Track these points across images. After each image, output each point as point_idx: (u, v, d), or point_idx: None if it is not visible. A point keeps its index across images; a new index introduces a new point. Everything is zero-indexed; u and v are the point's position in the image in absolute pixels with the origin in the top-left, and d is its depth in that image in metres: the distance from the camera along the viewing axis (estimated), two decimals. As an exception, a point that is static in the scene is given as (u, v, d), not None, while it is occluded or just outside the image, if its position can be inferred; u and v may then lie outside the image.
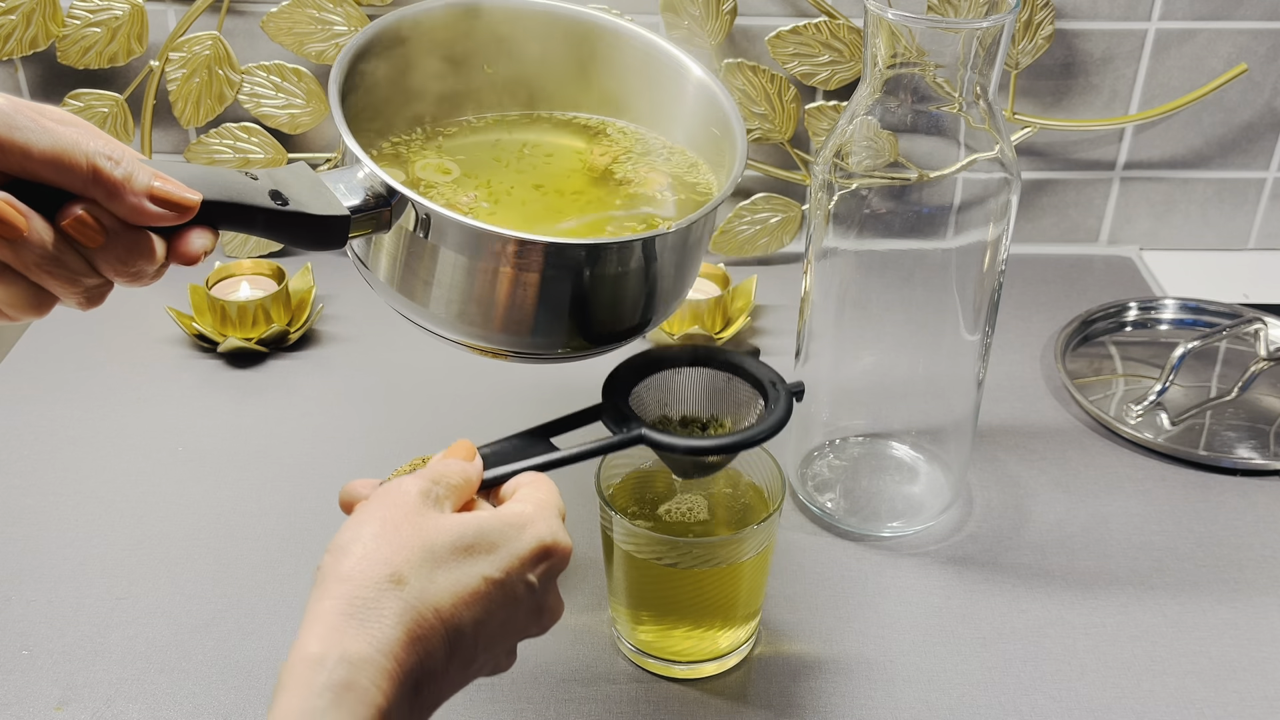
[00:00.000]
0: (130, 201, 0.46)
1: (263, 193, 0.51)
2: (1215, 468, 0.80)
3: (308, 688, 0.41)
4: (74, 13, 0.91)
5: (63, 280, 0.46)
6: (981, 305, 0.69)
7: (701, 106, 0.70)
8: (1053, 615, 0.69)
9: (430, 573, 0.45)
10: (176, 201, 0.47)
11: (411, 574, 0.45)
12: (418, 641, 0.44)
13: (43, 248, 0.45)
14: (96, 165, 0.45)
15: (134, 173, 0.46)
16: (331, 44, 0.92)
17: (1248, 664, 0.66)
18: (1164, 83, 0.97)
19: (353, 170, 0.56)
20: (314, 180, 0.54)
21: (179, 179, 0.47)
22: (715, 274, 0.93)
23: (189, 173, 0.48)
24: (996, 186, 0.65)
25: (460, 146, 0.69)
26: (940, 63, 0.63)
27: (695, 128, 0.71)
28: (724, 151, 0.68)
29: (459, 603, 0.46)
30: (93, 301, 0.49)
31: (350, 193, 0.55)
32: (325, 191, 0.54)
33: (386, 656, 0.42)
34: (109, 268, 0.47)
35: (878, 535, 0.74)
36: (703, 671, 0.64)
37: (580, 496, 0.76)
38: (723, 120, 0.68)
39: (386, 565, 0.44)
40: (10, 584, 0.69)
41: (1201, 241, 1.05)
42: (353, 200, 0.55)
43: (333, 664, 0.41)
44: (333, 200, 0.54)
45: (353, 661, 0.42)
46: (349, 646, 0.42)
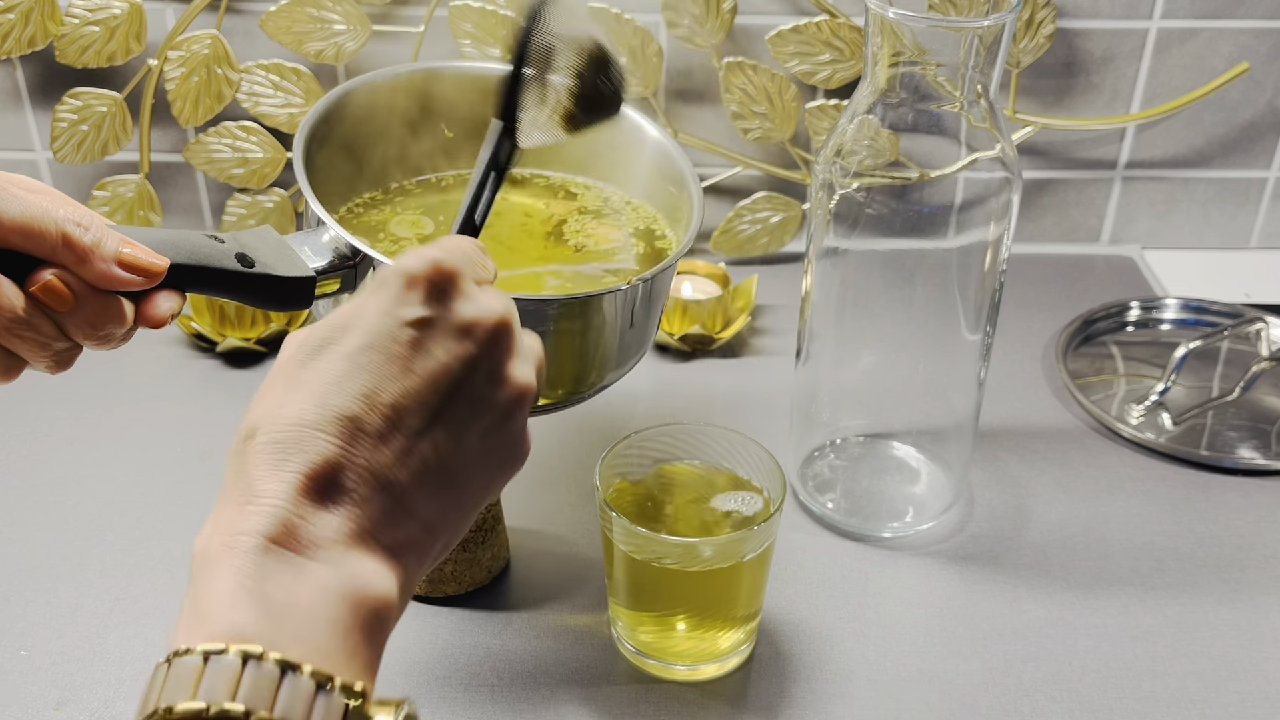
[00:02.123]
0: (99, 267, 0.47)
1: (229, 256, 0.52)
2: (1217, 468, 0.80)
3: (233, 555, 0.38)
4: (72, 11, 0.91)
5: (32, 344, 0.47)
6: (983, 305, 0.69)
7: (658, 164, 0.72)
8: (1054, 615, 0.68)
9: (286, 394, 0.42)
10: (144, 267, 0.48)
11: (260, 408, 0.42)
12: (284, 460, 0.40)
13: (13, 312, 0.46)
14: (66, 232, 0.46)
15: (103, 239, 0.47)
16: (330, 43, 0.92)
17: (1249, 664, 0.66)
18: (1165, 82, 0.97)
19: (318, 233, 0.57)
20: (279, 242, 0.55)
21: (146, 244, 0.49)
22: (716, 274, 0.93)
23: (156, 238, 0.49)
24: (998, 186, 0.65)
25: (424, 205, 0.71)
26: (941, 62, 0.63)
27: (653, 185, 0.72)
28: (681, 208, 0.69)
29: (324, 395, 0.41)
30: (61, 365, 0.49)
31: (316, 254, 0.56)
32: (290, 253, 0.55)
33: (244, 505, 0.39)
34: (78, 331, 0.48)
35: (878, 535, 0.74)
36: (703, 673, 0.64)
37: (580, 497, 0.76)
38: (678, 178, 0.70)
39: (246, 421, 0.43)
40: (8, 584, 0.69)
41: (1203, 241, 1.05)
42: (318, 262, 0.55)
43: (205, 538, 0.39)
44: (298, 262, 0.55)
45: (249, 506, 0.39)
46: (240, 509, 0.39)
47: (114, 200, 0.98)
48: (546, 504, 0.75)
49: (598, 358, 0.62)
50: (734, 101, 0.95)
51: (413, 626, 0.67)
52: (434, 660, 0.65)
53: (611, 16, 0.91)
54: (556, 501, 0.76)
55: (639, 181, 0.73)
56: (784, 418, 0.78)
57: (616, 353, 0.63)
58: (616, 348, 0.63)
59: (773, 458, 0.63)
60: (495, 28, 0.91)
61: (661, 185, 0.72)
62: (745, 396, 0.86)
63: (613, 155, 0.73)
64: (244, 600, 0.36)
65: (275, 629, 0.36)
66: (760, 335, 0.92)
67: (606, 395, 0.85)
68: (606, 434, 0.66)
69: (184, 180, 1.00)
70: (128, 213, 0.98)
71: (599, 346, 0.62)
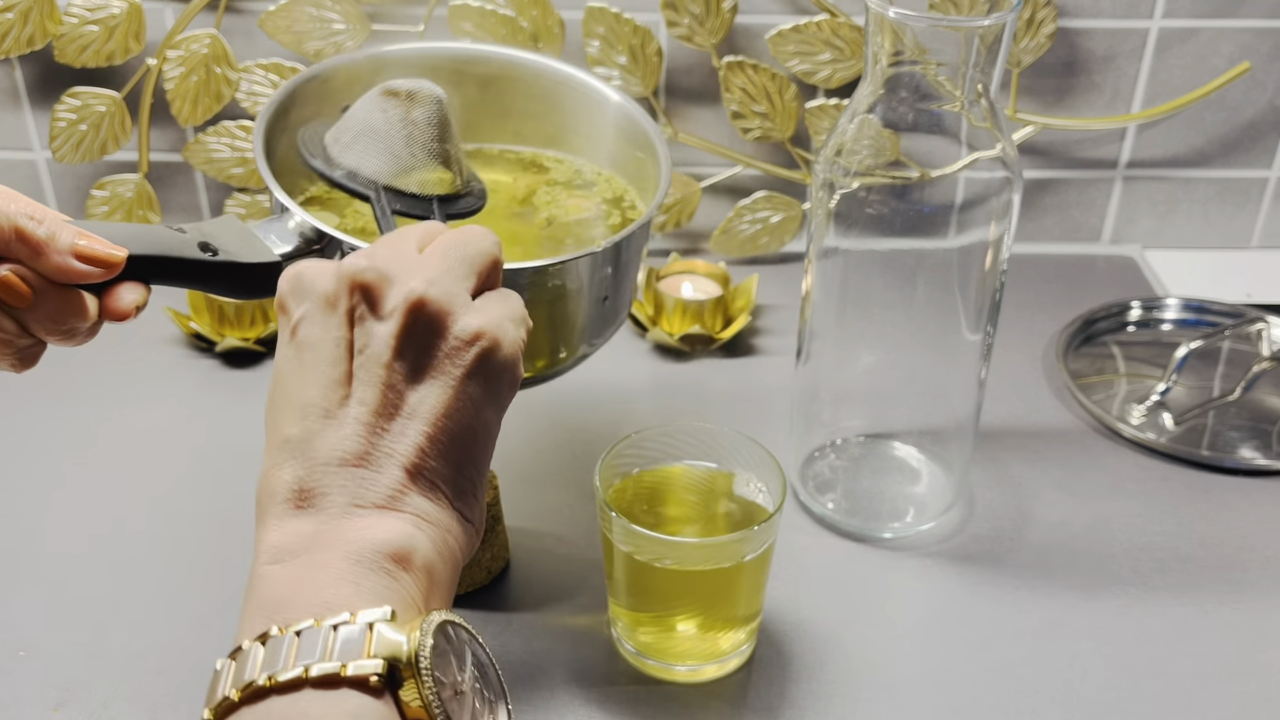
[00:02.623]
0: (55, 260, 0.47)
1: (191, 245, 0.52)
2: (1218, 468, 0.79)
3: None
4: (71, 11, 0.91)
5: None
6: (983, 305, 0.69)
7: (622, 129, 0.72)
8: (1055, 616, 0.68)
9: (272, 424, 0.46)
10: (102, 258, 0.48)
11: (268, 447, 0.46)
12: (271, 497, 0.44)
13: None
14: (19, 226, 0.46)
15: (57, 232, 0.47)
16: (330, 42, 0.92)
17: (1250, 665, 0.65)
18: (1166, 81, 0.97)
19: (283, 219, 0.57)
20: (243, 230, 0.55)
21: (105, 237, 0.48)
22: (716, 273, 0.93)
23: (115, 230, 0.49)
24: (998, 185, 0.65)
25: None
26: (942, 61, 0.62)
27: (620, 151, 0.72)
28: (648, 174, 0.69)
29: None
30: (25, 363, 0.50)
31: (281, 240, 0.56)
32: (255, 240, 0.55)
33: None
34: (40, 327, 0.48)
35: (879, 536, 0.74)
36: (703, 674, 0.64)
37: (580, 497, 0.76)
38: (645, 141, 0.70)
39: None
40: (7, 584, 0.69)
41: (1204, 241, 1.05)
42: (284, 247, 0.56)
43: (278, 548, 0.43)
44: (263, 248, 0.55)
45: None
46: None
47: (113, 200, 0.98)
48: (546, 504, 0.75)
49: (574, 327, 0.62)
50: (734, 101, 0.95)
51: (412, 627, 0.67)
52: (433, 661, 0.65)
53: (611, 16, 0.91)
54: (556, 501, 0.75)
55: (605, 148, 0.73)
56: (784, 418, 0.78)
57: (591, 322, 0.63)
58: (591, 317, 0.63)
59: (773, 458, 0.63)
60: (495, 27, 0.91)
61: (628, 150, 0.72)
62: (745, 396, 0.86)
63: (577, 125, 0.73)
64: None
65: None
66: (760, 335, 0.92)
67: (607, 395, 0.86)
68: (606, 434, 0.65)
69: (183, 180, 1.00)
70: (127, 212, 0.98)
71: (574, 315, 0.62)
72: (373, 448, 0.44)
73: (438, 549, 0.44)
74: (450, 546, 0.45)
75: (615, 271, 0.63)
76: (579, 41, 0.93)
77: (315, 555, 0.42)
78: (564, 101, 0.73)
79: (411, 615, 0.42)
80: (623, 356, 0.90)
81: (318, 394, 0.45)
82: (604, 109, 0.72)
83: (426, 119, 0.60)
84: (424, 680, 0.39)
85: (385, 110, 0.60)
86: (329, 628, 0.39)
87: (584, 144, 0.74)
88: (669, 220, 1.00)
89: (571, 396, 0.86)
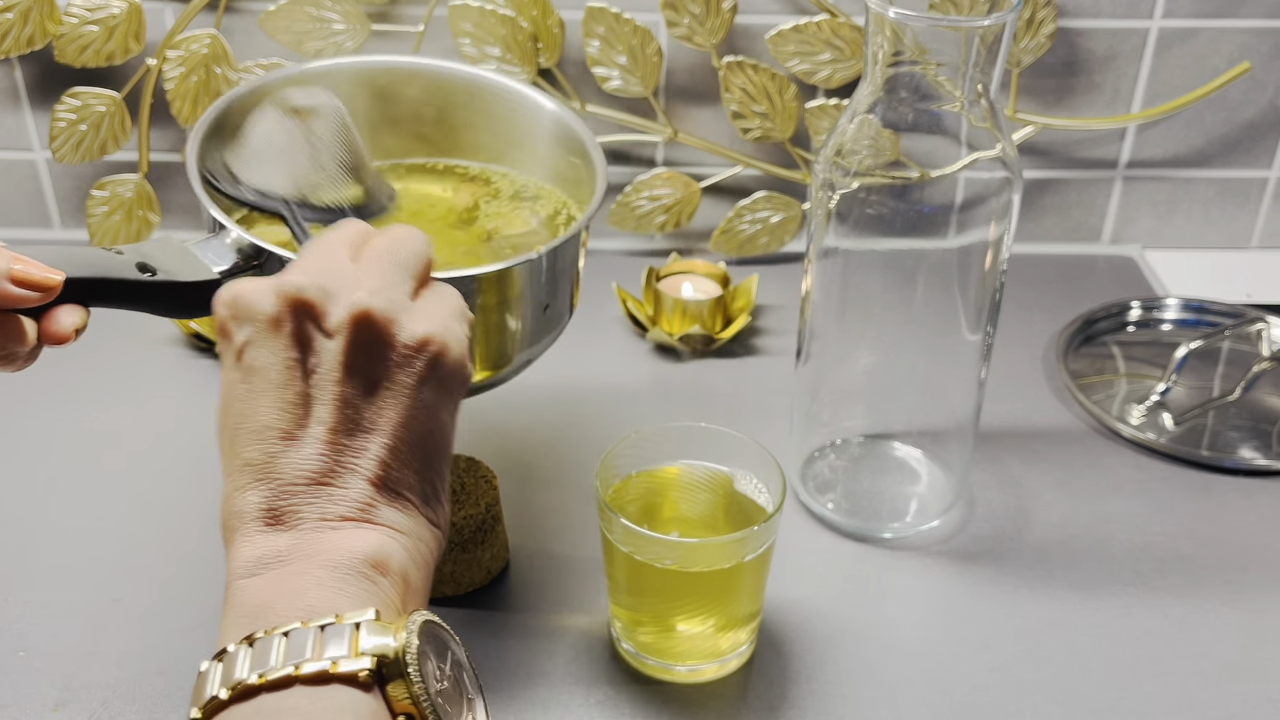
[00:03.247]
0: None
1: (129, 266, 0.52)
2: (1218, 468, 0.79)
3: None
4: (71, 11, 0.91)
5: None
6: (983, 305, 0.69)
7: (558, 136, 0.72)
8: (1055, 616, 0.68)
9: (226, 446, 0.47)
10: (38, 282, 0.48)
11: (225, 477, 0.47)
12: (233, 519, 0.45)
13: None
14: None
15: None
16: (330, 42, 0.92)
17: (1250, 665, 0.65)
18: (1166, 81, 0.97)
19: (220, 236, 0.57)
20: (181, 250, 0.55)
21: (42, 260, 0.48)
22: (716, 273, 0.93)
23: (52, 254, 0.49)
24: (998, 185, 0.65)
25: None
26: (942, 61, 0.62)
27: (556, 158, 0.73)
28: (585, 180, 0.70)
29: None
30: None
31: (219, 258, 0.56)
32: (193, 259, 0.55)
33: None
34: None
35: (879, 536, 0.74)
36: (703, 673, 0.64)
37: (580, 497, 0.76)
38: (579, 147, 0.70)
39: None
40: (6, 585, 0.69)
41: (1204, 241, 1.05)
42: (222, 265, 0.56)
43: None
44: (201, 266, 0.55)
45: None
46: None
47: (113, 200, 0.98)
48: (546, 504, 0.75)
49: (515, 335, 0.63)
50: (734, 101, 0.95)
51: (412, 627, 0.67)
52: (433, 661, 0.65)
53: (611, 16, 0.91)
54: (556, 501, 0.75)
55: (541, 157, 0.73)
56: (784, 418, 0.78)
57: (532, 330, 0.63)
58: (532, 324, 0.63)
59: (773, 458, 0.63)
60: (494, 27, 0.91)
61: (564, 157, 0.72)
62: (745, 396, 0.86)
63: (512, 135, 0.74)
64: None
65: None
66: (760, 335, 0.92)
67: (607, 395, 0.86)
68: (606, 434, 0.65)
69: (183, 180, 1.00)
70: (126, 212, 0.98)
71: (515, 323, 0.62)
72: (337, 464, 0.44)
73: (411, 557, 0.45)
74: (422, 553, 0.46)
75: (553, 278, 0.63)
76: (579, 42, 0.93)
77: (293, 565, 0.43)
78: (500, 112, 0.74)
79: (393, 618, 0.42)
80: (623, 356, 0.90)
81: (274, 417, 0.45)
82: (539, 117, 0.73)
83: (330, 133, 0.61)
84: (412, 677, 0.40)
85: (286, 128, 0.61)
86: (316, 628, 0.40)
87: (521, 155, 0.74)
88: (669, 220, 1.00)
89: (571, 396, 0.86)
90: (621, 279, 0.94)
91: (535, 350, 0.65)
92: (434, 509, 0.47)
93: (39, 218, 1.02)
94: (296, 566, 0.43)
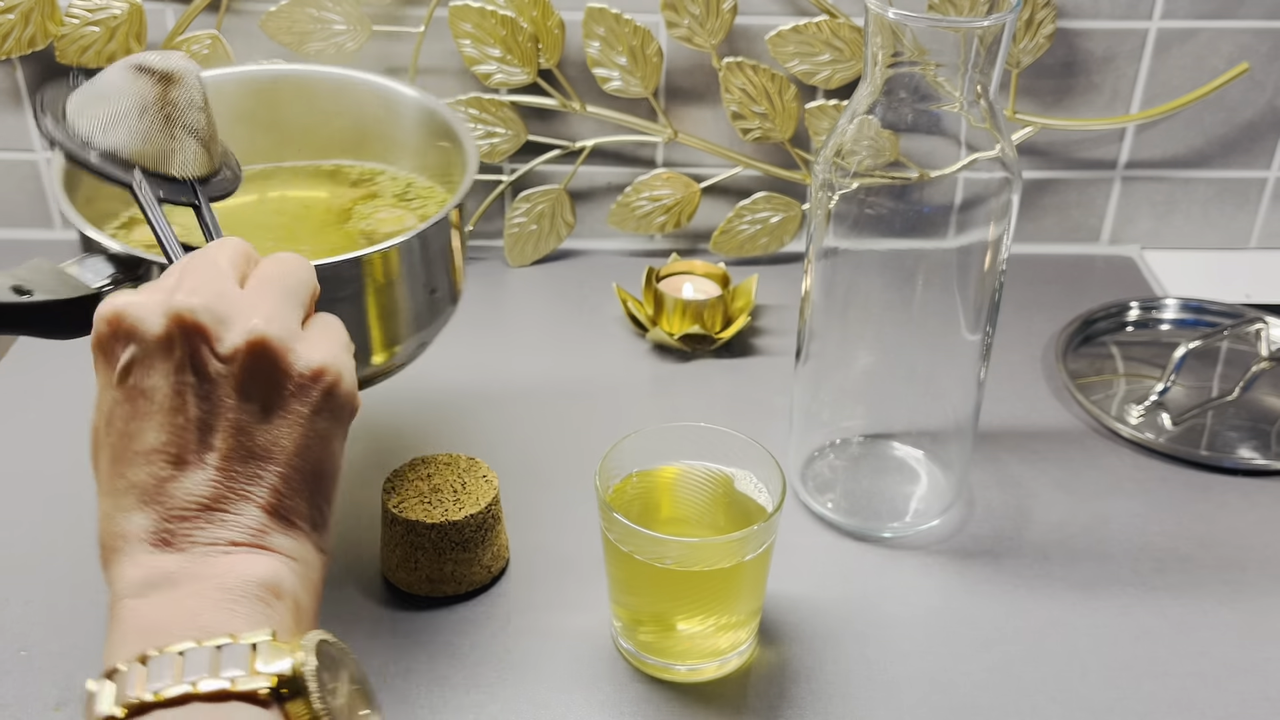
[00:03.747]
0: None
1: (4, 290, 0.52)
2: (1217, 468, 0.80)
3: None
4: (72, 12, 0.91)
5: None
6: (982, 305, 0.69)
7: (425, 123, 0.73)
8: (1054, 616, 0.68)
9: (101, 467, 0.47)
10: None
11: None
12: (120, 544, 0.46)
13: None
14: None
15: None
16: (330, 43, 0.92)
17: (1249, 665, 0.66)
18: (1165, 82, 0.97)
19: (93, 253, 0.57)
20: (55, 270, 0.55)
21: None
22: (715, 273, 0.93)
23: None
24: (997, 186, 0.65)
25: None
26: (941, 62, 0.63)
27: (426, 146, 0.73)
28: (456, 164, 0.70)
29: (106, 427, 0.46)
30: None
31: (96, 274, 0.56)
32: (69, 278, 0.55)
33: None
34: None
35: (878, 536, 0.74)
36: (703, 673, 0.64)
37: (581, 496, 0.76)
38: (447, 131, 0.71)
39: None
40: (8, 584, 0.69)
41: (1203, 241, 1.05)
42: (100, 280, 0.55)
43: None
44: (79, 284, 0.55)
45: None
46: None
47: (114, 200, 0.98)
48: (546, 504, 0.75)
49: (401, 318, 0.63)
50: (734, 101, 0.95)
51: (413, 626, 0.67)
52: (434, 660, 0.65)
53: (612, 17, 0.91)
54: (556, 501, 0.76)
55: (414, 147, 0.74)
56: (784, 418, 0.78)
57: (419, 313, 0.64)
58: (418, 307, 0.64)
59: (773, 458, 0.63)
60: (495, 28, 0.91)
61: (432, 143, 0.73)
62: (745, 396, 0.86)
63: (383, 130, 0.74)
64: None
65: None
66: (760, 335, 0.92)
67: (607, 395, 0.86)
68: (606, 434, 0.66)
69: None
70: (127, 213, 0.98)
71: (400, 307, 0.63)
72: (230, 491, 0.44)
73: (302, 582, 0.45)
74: (312, 579, 0.46)
75: (433, 260, 0.64)
76: (579, 42, 0.93)
77: (185, 587, 0.42)
78: (369, 109, 0.75)
79: (289, 639, 0.42)
80: (623, 356, 0.90)
81: (163, 440, 0.44)
82: (404, 107, 0.74)
83: (187, 100, 0.59)
84: (312, 693, 0.40)
85: (141, 90, 0.58)
86: (213, 648, 0.40)
87: (394, 149, 0.75)
88: (669, 221, 1.00)
89: (571, 396, 0.86)
90: (622, 279, 0.95)
91: (427, 334, 0.66)
92: (322, 535, 0.47)
93: (40, 218, 1.02)
94: (189, 589, 0.42)
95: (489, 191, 1.00)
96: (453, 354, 0.91)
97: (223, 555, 0.43)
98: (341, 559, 0.71)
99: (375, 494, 0.73)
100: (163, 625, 0.41)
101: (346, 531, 0.73)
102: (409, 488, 0.68)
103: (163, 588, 0.43)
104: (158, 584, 0.43)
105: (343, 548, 0.72)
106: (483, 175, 1.00)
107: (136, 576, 0.43)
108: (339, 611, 0.67)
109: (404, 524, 0.66)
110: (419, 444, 0.77)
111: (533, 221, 1.00)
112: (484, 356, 0.90)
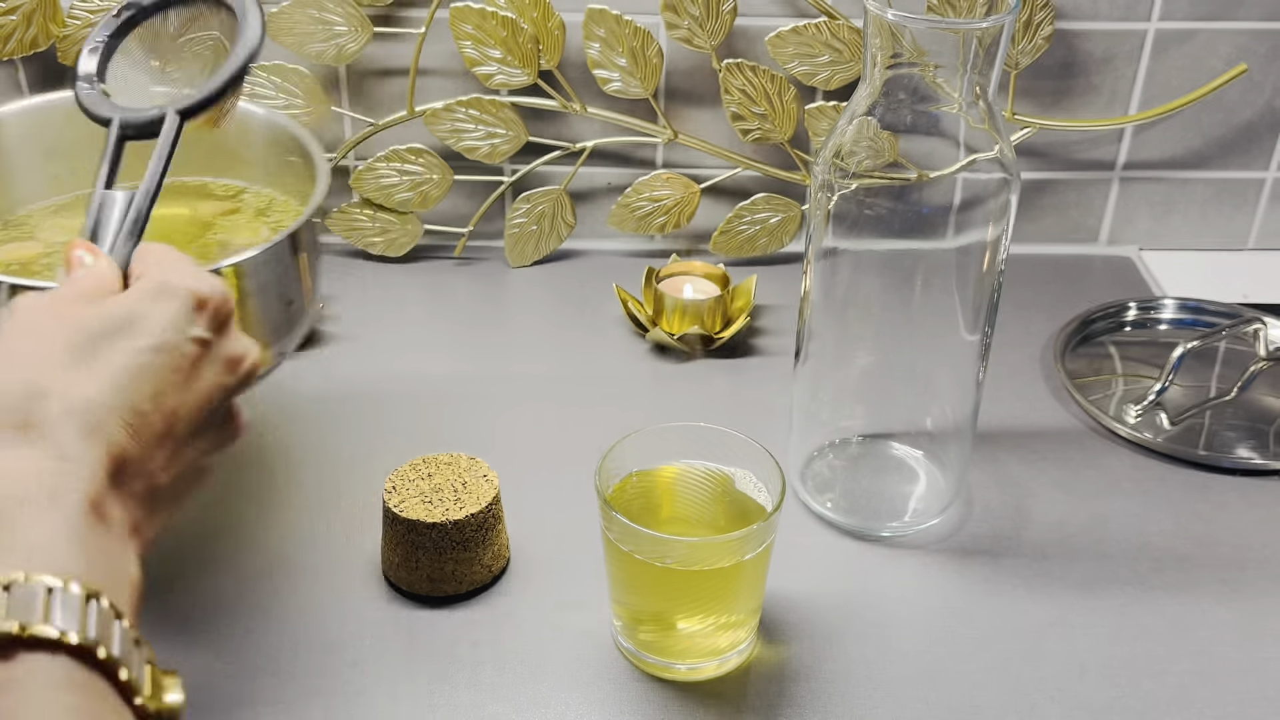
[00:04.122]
0: None
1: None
2: (1215, 468, 0.80)
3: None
4: (74, 13, 0.91)
5: None
6: (981, 305, 0.69)
7: (275, 139, 0.74)
8: (1052, 615, 0.69)
9: (77, 371, 0.46)
10: None
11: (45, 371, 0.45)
12: (92, 434, 0.45)
13: None
14: None
15: None
16: (332, 44, 0.92)
17: (1248, 664, 0.66)
18: (1164, 83, 0.97)
19: None
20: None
21: None
22: (715, 274, 0.93)
23: None
24: (996, 187, 0.65)
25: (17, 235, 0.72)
26: (940, 63, 0.63)
27: (277, 161, 0.74)
28: (307, 178, 0.71)
29: (120, 386, 0.46)
30: None
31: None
32: None
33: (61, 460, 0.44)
34: None
35: (878, 535, 0.74)
36: (703, 672, 0.64)
37: (581, 497, 0.76)
38: (296, 146, 0.72)
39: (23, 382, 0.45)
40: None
41: (1201, 241, 1.06)
42: None
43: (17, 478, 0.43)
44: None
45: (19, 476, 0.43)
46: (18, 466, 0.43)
47: (115, 201, 0.98)
48: (546, 504, 0.76)
49: (261, 329, 0.64)
50: (733, 103, 0.95)
51: (413, 626, 0.67)
52: (434, 660, 0.65)
53: (612, 18, 0.91)
54: (556, 501, 0.76)
55: (263, 163, 0.75)
56: (784, 418, 0.78)
57: (277, 324, 0.66)
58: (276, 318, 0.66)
59: (773, 458, 0.63)
60: (495, 29, 0.91)
61: (282, 158, 0.73)
62: (745, 396, 0.86)
63: (233, 146, 0.75)
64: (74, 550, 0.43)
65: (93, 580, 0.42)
66: (760, 335, 0.93)
67: (607, 395, 0.86)
68: (606, 434, 0.66)
69: (185, 181, 1.00)
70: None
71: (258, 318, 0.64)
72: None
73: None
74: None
75: (288, 272, 0.65)
76: (580, 44, 0.93)
77: None
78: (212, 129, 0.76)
79: None
80: (623, 357, 0.90)
81: (179, 412, 0.49)
82: (252, 123, 0.75)
83: (218, 49, 0.61)
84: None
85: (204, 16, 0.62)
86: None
87: (247, 165, 0.76)
88: (669, 221, 1.00)
89: (572, 396, 0.86)
90: (622, 279, 0.95)
91: (285, 345, 0.68)
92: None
93: (41, 219, 1.02)
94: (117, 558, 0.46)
95: (489, 192, 1.00)
96: (453, 354, 0.91)
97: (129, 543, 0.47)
98: (342, 559, 0.71)
99: (376, 493, 0.73)
100: None
101: (347, 531, 0.73)
102: (410, 487, 0.68)
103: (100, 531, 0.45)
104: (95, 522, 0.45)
105: (344, 547, 0.72)
106: (483, 176, 1.00)
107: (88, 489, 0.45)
108: (340, 611, 0.67)
109: (405, 523, 0.66)
110: (419, 443, 0.77)
111: (533, 222, 1.00)
112: (484, 356, 0.90)
